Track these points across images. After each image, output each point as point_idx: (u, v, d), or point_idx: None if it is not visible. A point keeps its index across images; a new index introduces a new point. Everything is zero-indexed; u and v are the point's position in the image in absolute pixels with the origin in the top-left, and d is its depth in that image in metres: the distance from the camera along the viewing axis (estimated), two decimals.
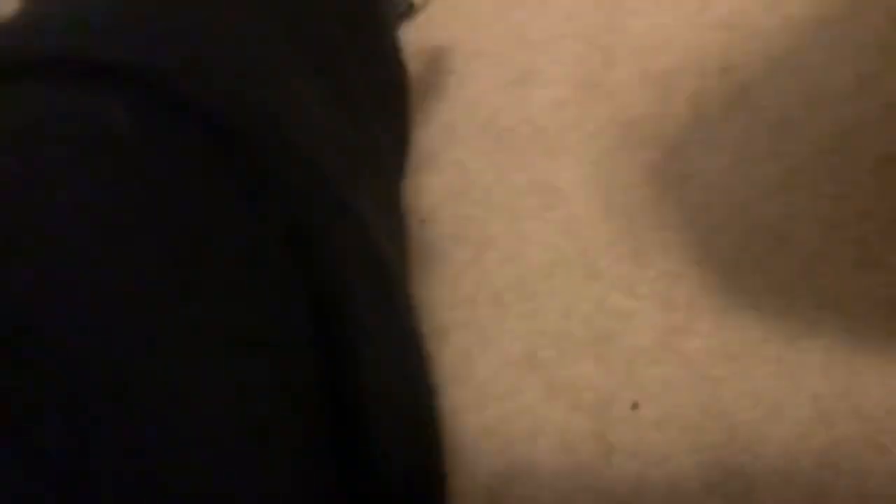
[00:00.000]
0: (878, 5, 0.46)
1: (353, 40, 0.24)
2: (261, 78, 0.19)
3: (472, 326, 0.45)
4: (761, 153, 0.44)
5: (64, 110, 0.16)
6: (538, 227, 0.47)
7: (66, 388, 0.12)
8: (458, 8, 0.60)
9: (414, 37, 0.58)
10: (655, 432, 0.38)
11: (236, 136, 0.16)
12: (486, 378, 0.43)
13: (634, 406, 0.39)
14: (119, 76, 0.16)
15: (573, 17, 0.54)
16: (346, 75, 0.23)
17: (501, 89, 0.54)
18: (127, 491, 0.12)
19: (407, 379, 0.18)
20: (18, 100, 0.16)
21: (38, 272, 0.13)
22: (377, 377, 0.16)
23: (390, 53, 0.28)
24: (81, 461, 0.11)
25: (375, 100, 0.24)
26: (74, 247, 0.14)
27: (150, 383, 0.13)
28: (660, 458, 0.38)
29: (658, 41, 0.50)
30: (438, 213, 0.50)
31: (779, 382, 0.37)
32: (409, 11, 0.35)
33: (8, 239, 0.13)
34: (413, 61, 0.30)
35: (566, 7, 0.54)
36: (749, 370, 0.38)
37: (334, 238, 0.17)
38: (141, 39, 0.18)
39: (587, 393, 0.40)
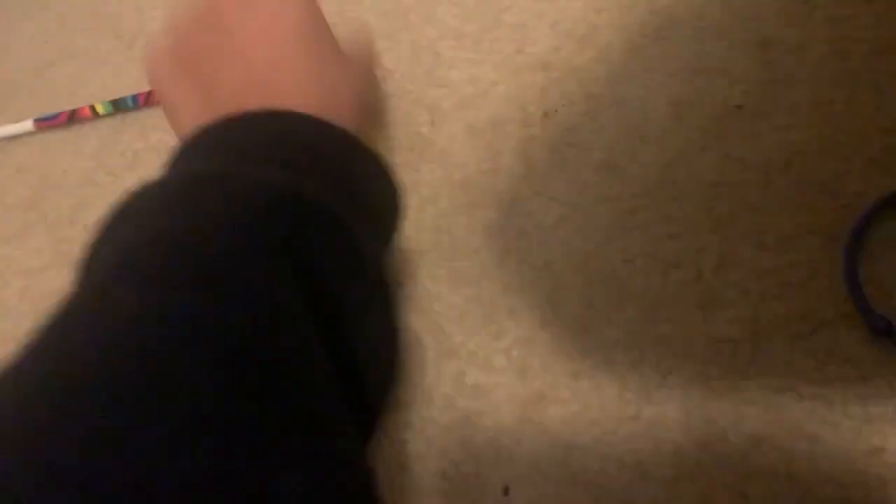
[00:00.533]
0: (685, 24, 0.46)
1: None
2: None
3: None
4: (593, 199, 0.43)
5: None
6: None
7: None
8: None
9: None
10: None
11: None
12: None
13: (505, 491, 0.38)
14: None
15: (395, 74, 0.52)
16: None
17: None
18: None
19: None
20: None
21: None
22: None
23: None
24: None
25: None
26: None
27: None
28: None
29: (480, 91, 0.49)
30: None
31: (640, 443, 0.36)
32: None
33: None
34: None
35: (386, 64, 0.52)
36: (609, 433, 0.37)
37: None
38: None
39: (458, 482, 0.39)
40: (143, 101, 0.58)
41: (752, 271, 0.38)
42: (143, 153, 0.57)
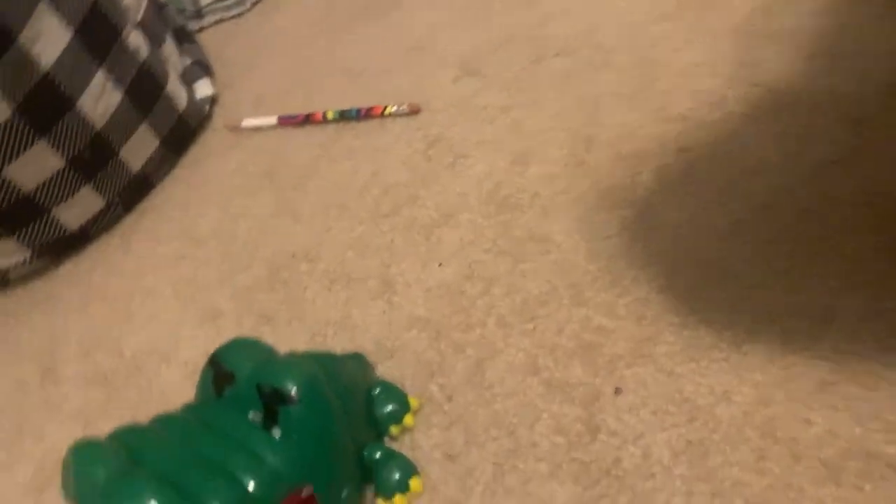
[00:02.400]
0: (792, 98, 0.60)
1: None
2: None
3: (482, 343, 0.55)
4: (711, 210, 0.56)
5: None
6: (535, 267, 0.58)
7: None
8: (465, 108, 0.74)
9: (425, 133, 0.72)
10: (631, 416, 0.48)
11: None
12: (494, 381, 0.52)
13: (617, 391, 0.49)
14: None
15: (560, 116, 0.68)
16: None
17: (504, 168, 0.67)
18: None
19: None
20: None
21: None
22: None
23: None
24: None
25: None
26: None
27: None
28: (636, 436, 0.47)
29: (628, 132, 0.64)
30: (454, 258, 0.61)
31: (727, 376, 0.47)
32: None
33: None
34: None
35: (555, 109, 0.69)
36: (704, 368, 0.48)
37: None
38: None
39: (578, 389, 0.50)
40: (363, 113, 0.77)
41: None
42: (357, 150, 0.75)
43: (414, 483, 0.48)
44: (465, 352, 0.55)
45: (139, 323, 0.68)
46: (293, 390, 0.43)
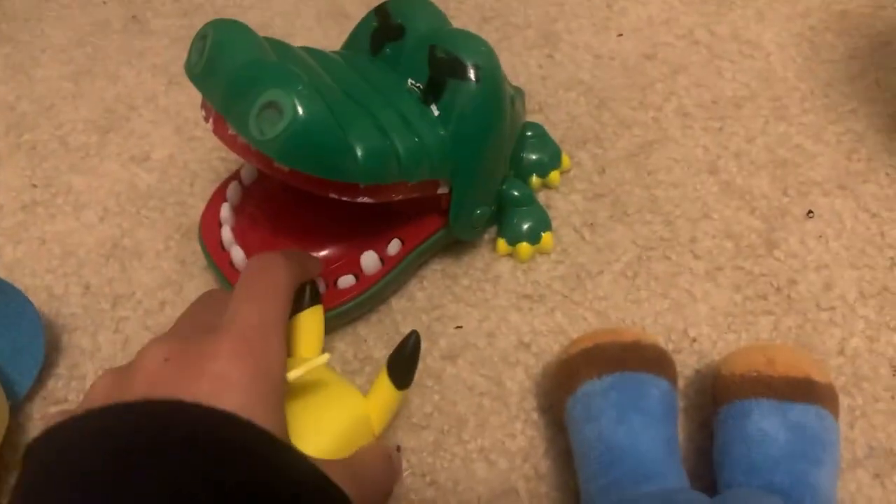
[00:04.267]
0: None
1: None
2: None
3: (654, 126, 0.47)
4: None
5: None
6: (734, 68, 0.49)
7: None
8: None
9: None
10: (819, 244, 0.41)
11: None
12: (660, 168, 0.45)
13: (809, 214, 0.41)
14: None
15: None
16: None
17: None
18: None
19: None
20: None
21: None
22: None
23: None
24: None
25: None
26: None
27: None
28: (818, 265, 0.40)
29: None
30: (637, 34, 0.52)
31: None
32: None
33: None
34: None
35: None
36: None
37: None
38: None
39: (760, 201, 0.43)
40: None
41: None
42: None
43: (546, 237, 0.41)
44: (632, 129, 0.47)
45: (249, 1, 0.59)
46: (472, 65, 0.35)
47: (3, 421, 0.35)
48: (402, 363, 0.30)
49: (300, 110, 0.29)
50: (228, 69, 0.31)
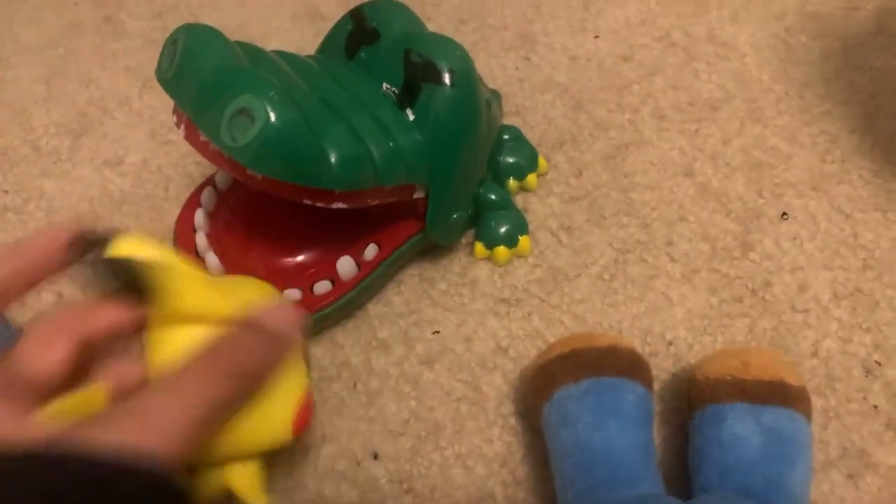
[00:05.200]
0: None
1: None
2: None
3: (630, 128, 0.47)
4: None
5: None
6: (710, 70, 0.49)
7: None
8: None
9: None
10: (793, 246, 0.41)
11: None
12: (636, 170, 0.45)
13: (784, 216, 0.42)
14: None
15: None
16: None
17: None
18: None
19: None
20: None
21: None
22: None
23: None
24: None
25: None
26: None
27: None
28: (793, 266, 0.40)
29: None
30: (614, 36, 0.52)
31: None
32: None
33: None
34: None
35: None
36: (891, 221, 0.41)
37: None
38: None
39: (736, 203, 0.43)
40: None
41: None
42: None
43: (523, 241, 0.41)
44: (608, 132, 0.47)
45: (224, 2, 0.58)
46: (447, 69, 0.35)
47: None
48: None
49: (272, 116, 0.29)
50: (199, 75, 0.30)
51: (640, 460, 0.31)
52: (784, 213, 0.42)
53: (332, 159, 0.31)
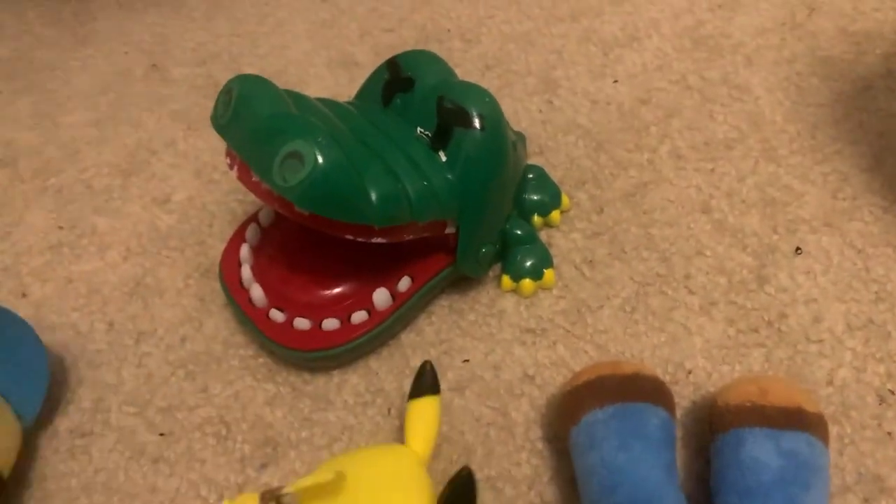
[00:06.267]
0: None
1: None
2: None
3: (649, 167, 0.49)
4: None
5: None
6: (725, 111, 0.52)
7: None
8: None
9: None
10: (807, 279, 0.43)
11: None
12: (655, 207, 0.47)
13: (798, 251, 0.44)
14: None
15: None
16: None
17: (707, 8, 0.60)
18: None
19: None
20: None
21: None
22: None
23: None
24: None
25: None
26: None
27: None
28: (807, 299, 0.42)
29: (857, 12, 0.56)
30: (632, 80, 0.55)
31: None
32: None
33: None
34: None
35: None
36: None
37: None
38: None
39: (751, 238, 0.45)
40: None
41: None
42: None
43: (548, 274, 0.44)
44: (628, 171, 0.49)
45: (264, 50, 0.62)
46: (476, 115, 0.38)
47: (13, 448, 0.36)
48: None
49: (320, 159, 0.31)
50: (253, 121, 0.33)
51: (663, 481, 0.32)
52: (798, 248, 0.44)
53: (373, 197, 0.34)
